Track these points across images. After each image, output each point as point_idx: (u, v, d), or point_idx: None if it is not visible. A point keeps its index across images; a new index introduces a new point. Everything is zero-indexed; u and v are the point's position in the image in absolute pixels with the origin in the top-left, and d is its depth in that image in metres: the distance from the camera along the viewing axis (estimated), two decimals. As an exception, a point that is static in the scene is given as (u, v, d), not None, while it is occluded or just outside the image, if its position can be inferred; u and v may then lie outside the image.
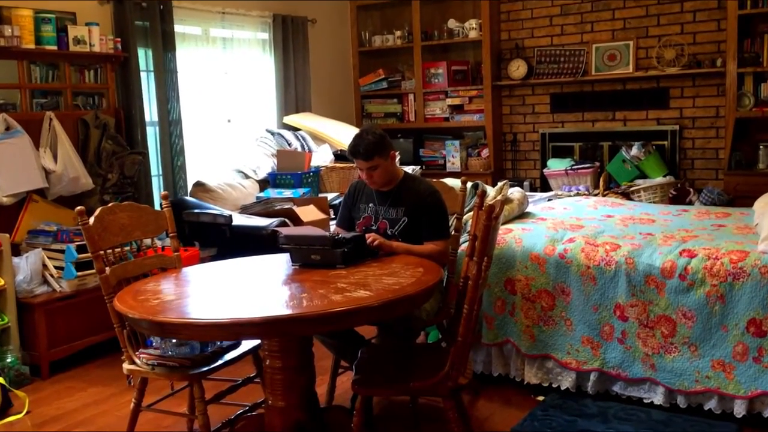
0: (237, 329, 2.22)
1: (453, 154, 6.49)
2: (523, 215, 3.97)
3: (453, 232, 3.39)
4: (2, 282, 3.82)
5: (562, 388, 3.34)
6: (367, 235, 3.01)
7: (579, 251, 3.33)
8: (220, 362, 2.75)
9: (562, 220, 3.81)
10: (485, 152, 6.44)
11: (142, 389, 2.80)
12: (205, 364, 2.71)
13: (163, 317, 2.27)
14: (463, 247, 3.55)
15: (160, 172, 5.08)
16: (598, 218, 3.91)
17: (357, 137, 3.14)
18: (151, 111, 5.03)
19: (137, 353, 2.77)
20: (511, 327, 3.46)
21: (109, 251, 2.85)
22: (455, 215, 3.43)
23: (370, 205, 3.26)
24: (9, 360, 3.76)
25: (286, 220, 4.46)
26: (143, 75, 4.91)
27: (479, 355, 3.59)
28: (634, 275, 3.15)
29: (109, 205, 2.95)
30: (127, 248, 3.93)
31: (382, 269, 2.77)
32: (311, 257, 2.86)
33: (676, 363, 3.08)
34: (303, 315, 2.23)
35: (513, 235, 3.55)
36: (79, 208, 2.76)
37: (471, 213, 3.84)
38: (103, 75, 4.61)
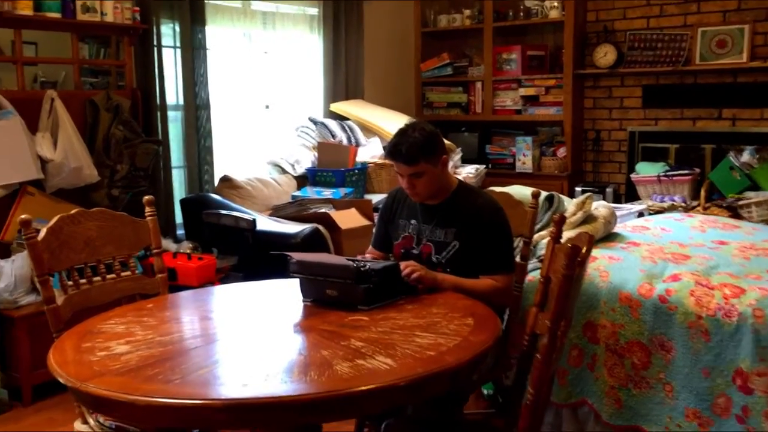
0: (192, 415, 1.53)
1: (524, 153, 5.66)
2: (609, 236, 3.15)
3: (519, 260, 2.61)
4: (-19, 289, 3.26)
5: (657, 473, 2.54)
6: (403, 265, 2.27)
7: (687, 294, 2.52)
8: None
9: (661, 246, 2.99)
10: (562, 151, 5.59)
11: (99, 456, 2.14)
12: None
13: (96, 386, 1.59)
14: (531, 277, 2.79)
15: (184, 164, 4.45)
16: (707, 245, 3.06)
17: (399, 134, 2.42)
18: (177, 93, 4.40)
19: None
20: (589, 385, 2.69)
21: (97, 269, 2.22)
22: (522, 238, 2.65)
23: (412, 221, 2.52)
24: (-16, 382, 3.21)
25: (320, 228, 3.76)
26: (167, 52, 4.28)
27: (546, 416, 2.81)
28: (766, 333, 2.32)
29: (72, 212, 2.31)
30: (137, 255, 3.32)
31: (417, 317, 2.04)
32: (326, 292, 2.16)
33: (820, 457, 2.24)
34: (286, 400, 1.51)
35: (597, 266, 2.76)
36: (23, 216, 2.12)
37: (543, 233, 3.07)
38: (117, 50, 4.02)
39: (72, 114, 3.72)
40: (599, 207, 3.21)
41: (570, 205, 3.16)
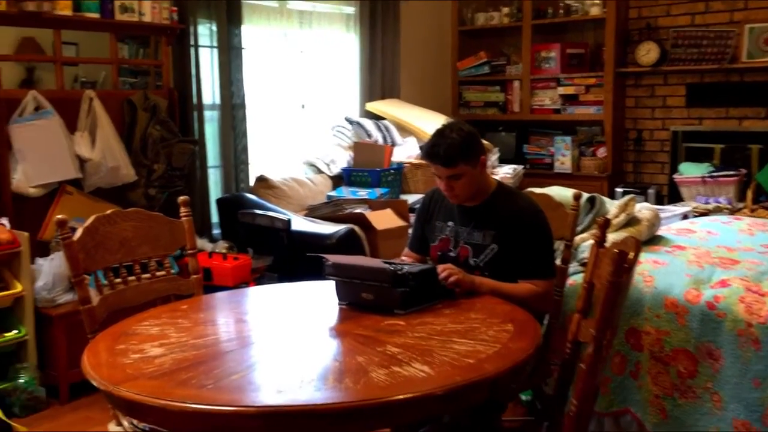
0: (225, 421, 1.49)
1: (563, 153, 5.54)
2: (653, 240, 3.05)
3: (559, 263, 2.54)
4: (20, 288, 3.29)
5: (703, 487, 2.44)
6: (440, 268, 2.21)
7: (736, 301, 2.41)
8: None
9: (708, 250, 2.87)
10: (602, 151, 5.46)
11: (134, 458, 2.13)
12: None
13: (128, 390, 1.57)
14: (572, 281, 2.71)
15: (220, 164, 4.44)
16: (757, 249, 2.94)
17: (437, 135, 2.35)
18: (213, 93, 4.39)
19: (127, 411, 2.10)
20: (632, 394, 2.60)
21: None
22: (563, 241, 2.58)
23: (449, 223, 2.46)
24: (23, 380, 3.23)
25: (355, 228, 3.72)
26: (204, 51, 4.28)
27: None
28: (820, 343, 2.21)
29: (108, 212, 2.31)
30: (173, 255, 3.32)
31: (455, 322, 1.98)
32: (362, 295, 2.12)
33: None
34: (321, 409, 1.47)
35: (641, 271, 2.67)
36: (59, 216, 2.12)
37: (585, 235, 2.99)
38: (154, 49, 4.04)
39: (110, 114, 3.74)
40: (642, 209, 3.11)
41: (612, 207, 3.07)
